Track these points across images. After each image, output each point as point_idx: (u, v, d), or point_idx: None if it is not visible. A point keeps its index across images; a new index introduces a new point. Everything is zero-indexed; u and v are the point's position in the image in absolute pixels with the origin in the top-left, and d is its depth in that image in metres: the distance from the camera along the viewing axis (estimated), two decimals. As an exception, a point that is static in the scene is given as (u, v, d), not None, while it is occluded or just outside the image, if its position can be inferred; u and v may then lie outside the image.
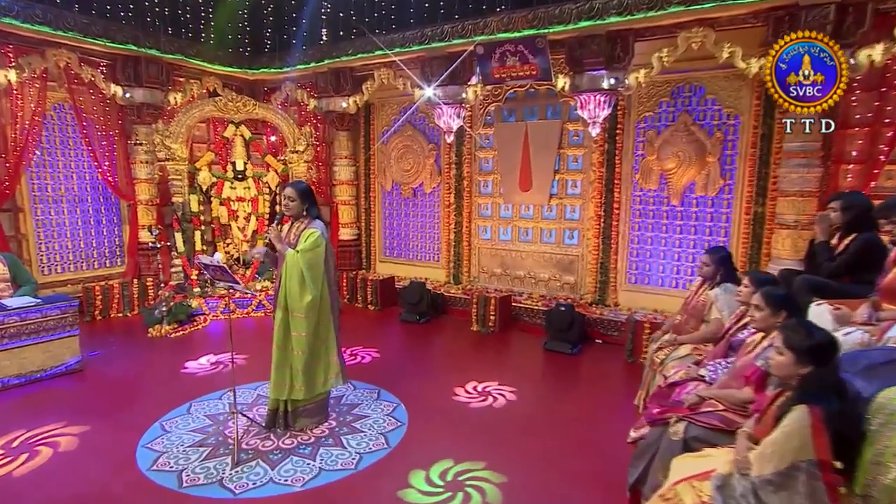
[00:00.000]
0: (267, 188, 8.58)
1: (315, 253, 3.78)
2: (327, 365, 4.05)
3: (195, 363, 5.77)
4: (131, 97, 7.61)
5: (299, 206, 3.91)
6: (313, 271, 3.77)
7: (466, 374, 5.53)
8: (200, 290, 7.76)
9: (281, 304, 3.88)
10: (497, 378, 5.41)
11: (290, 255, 3.78)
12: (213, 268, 3.97)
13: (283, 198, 3.90)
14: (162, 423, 4.50)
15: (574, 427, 4.53)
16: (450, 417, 4.65)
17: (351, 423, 4.45)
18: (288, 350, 3.92)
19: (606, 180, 6.99)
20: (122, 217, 8.26)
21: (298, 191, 3.91)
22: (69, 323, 5.43)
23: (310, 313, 3.80)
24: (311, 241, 3.79)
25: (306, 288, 3.76)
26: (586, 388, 5.45)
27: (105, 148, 7.77)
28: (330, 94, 8.52)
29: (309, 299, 3.76)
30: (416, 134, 8.73)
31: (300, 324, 3.83)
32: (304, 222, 3.93)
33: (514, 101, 7.64)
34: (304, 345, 3.87)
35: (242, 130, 8.41)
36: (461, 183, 8.32)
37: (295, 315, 3.82)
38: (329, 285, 3.94)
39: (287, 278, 3.80)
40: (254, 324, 7.49)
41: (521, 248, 7.88)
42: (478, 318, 7.23)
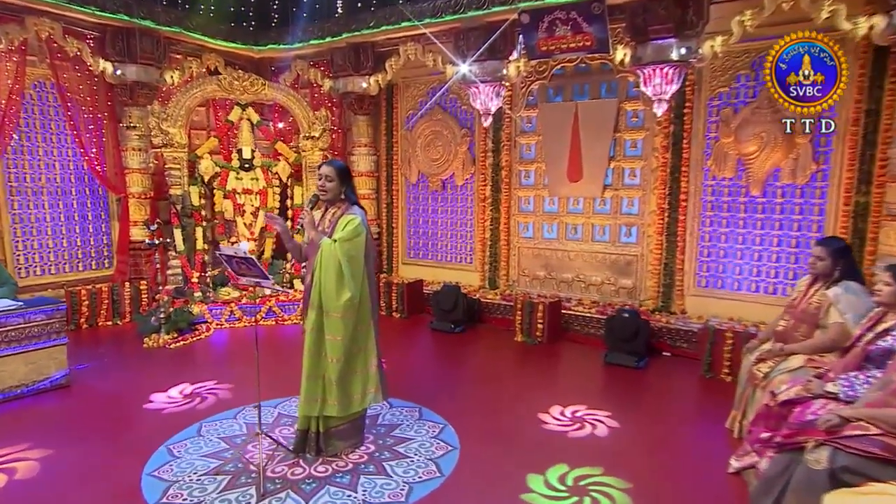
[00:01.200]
0: (277, 179, 8.44)
1: (355, 243, 3.63)
2: (365, 377, 3.86)
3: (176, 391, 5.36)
4: (122, 74, 7.48)
5: (337, 189, 3.77)
6: (353, 264, 3.62)
7: (525, 392, 5.38)
8: (202, 294, 7.63)
9: (314, 304, 3.69)
10: (584, 400, 5.14)
11: (325, 245, 3.62)
12: (238, 260, 3.72)
13: (317, 178, 3.77)
14: (169, 447, 4.27)
15: (659, 455, 4.22)
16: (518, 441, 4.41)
17: (392, 446, 4.23)
18: (321, 357, 3.74)
19: (672, 168, 6.73)
20: (111, 212, 8.14)
21: (337, 169, 3.76)
22: (55, 330, 5.24)
23: (347, 314, 3.64)
24: (350, 228, 3.63)
25: (344, 284, 3.60)
26: (663, 407, 5.16)
27: (92, 133, 7.65)
28: (348, 73, 8.40)
29: (347, 297, 3.60)
30: (447, 118, 8.54)
31: (336, 326, 3.65)
32: (342, 208, 3.78)
33: (561, 77, 7.40)
34: (341, 351, 3.69)
35: (249, 113, 8.29)
36: (499, 173, 8.10)
37: (330, 315, 3.65)
38: (369, 282, 3.79)
39: (322, 272, 3.63)
40: (263, 333, 7.32)
41: (569, 248, 7.68)
42: (522, 328, 7.07)
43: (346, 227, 3.66)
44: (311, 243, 3.77)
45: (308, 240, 3.81)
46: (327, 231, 3.74)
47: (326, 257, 3.62)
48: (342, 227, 3.66)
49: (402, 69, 8.17)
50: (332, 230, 3.72)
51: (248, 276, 3.78)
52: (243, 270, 3.77)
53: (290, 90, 8.43)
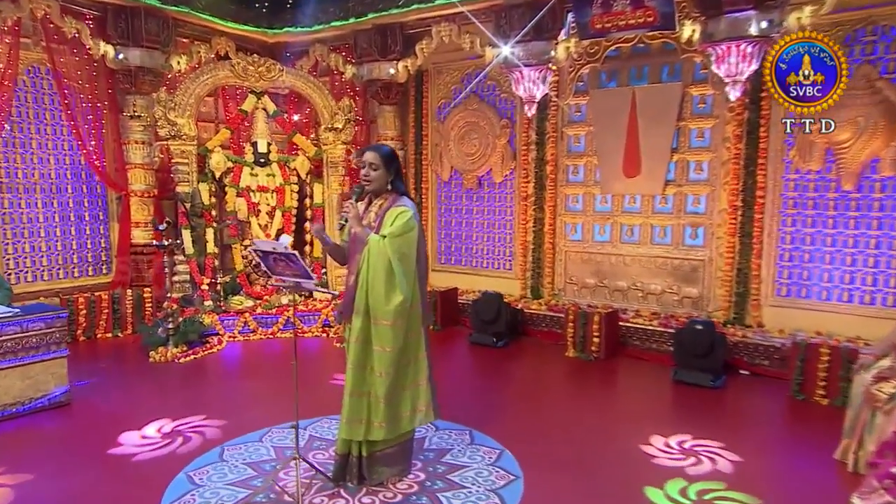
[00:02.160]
0: (295, 176, 8.34)
1: (406, 238, 3.53)
2: (415, 392, 3.73)
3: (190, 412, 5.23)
4: (125, 59, 7.41)
5: (383, 177, 3.64)
6: (405, 263, 3.51)
7: (594, 415, 5.25)
8: (213, 303, 7.50)
9: (359, 309, 3.57)
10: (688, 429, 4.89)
11: (373, 242, 3.50)
12: (277, 257, 3.56)
13: (360, 165, 3.64)
14: (189, 474, 4.08)
15: (767, 491, 3.94)
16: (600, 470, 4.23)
17: (445, 475, 4.04)
18: (367, 371, 3.62)
19: (747, 160, 6.53)
20: (111, 212, 8.07)
21: (383, 156, 3.64)
22: (56, 340, 5.11)
23: (398, 320, 3.53)
24: (400, 222, 3.52)
25: (395, 285, 3.49)
26: (756, 435, 4.90)
27: (91, 124, 7.58)
28: (373, 59, 8.32)
29: (399, 301, 3.49)
30: (484, 107, 8.42)
31: (385, 335, 3.53)
32: (389, 199, 3.67)
33: (615, 60, 7.26)
34: (390, 363, 3.56)
35: (265, 103, 8.15)
36: (543, 169, 7.96)
37: (379, 323, 3.53)
38: (421, 284, 3.70)
39: (369, 273, 3.52)
40: (280, 348, 7.13)
41: (625, 252, 7.52)
42: (575, 341, 6.91)
43: (396, 220, 3.55)
44: (354, 240, 3.65)
45: (351, 236, 3.69)
46: (373, 226, 3.62)
47: (375, 255, 3.51)
48: (391, 221, 3.56)
49: (433, 53, 8.08)
50: (378, 225, 3.61)
51: (287, 275, 3.63)
52: (282, 269, 3.62)
53: (310, 77, 8.37)
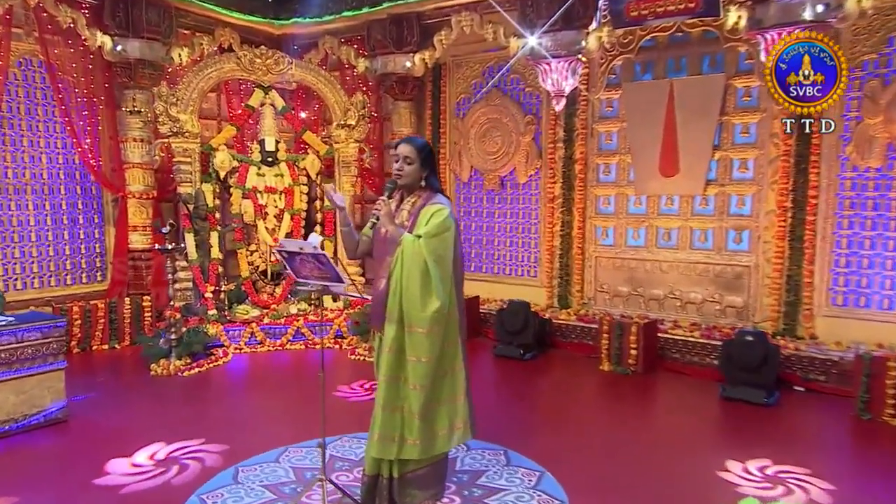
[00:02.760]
0: (304, 176, 8.24)
1: (443, 239, 3.45)
2: (452, 408, 3.62)
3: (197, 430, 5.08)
4: (123, 51, 7.37)
5: (417, 172, 3.57)
6: (441, 266, 3.43)
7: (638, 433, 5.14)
8: (217, 313, 7.40)
9: (392, 316, 3.48)
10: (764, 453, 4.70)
11: (408, 242, 3.42)
12: (304, 258, 3.46)
13: (394, 159, 3.57)
14: (202, 497, 3.93)
15: None
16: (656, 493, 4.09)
17: (482, 499, 3.92)
18: (400, 384, 3.53)
19: (797, 157, 6.41)
20: (106, 215, 8.04)
21: (418, 148, 3.57)
22: (53, 352, 5.00)
23: (434, 328, 3.43)
24: (436, 221, 3.44)
25: (431, 290, 3.39)
26: (835, 459, 4.80)
27: (86, 120, 7.54)
28: (388, 51, 8.30)
29: (436, 307, 3.39)
30: (507, 102, 8.36)
31: (420, 344, 3.44)
32: (422, 196, 3.61)
33: (652, 50, 7.15)
34: (425, 376, 3.47)
35: (273, 98, 8.08)
36: (571, 168, 7.90)
37: (414, 331, 3.44)
38: (458, 289, 3.61)
39: (403, 276, 3.43)
40: (290, 360, 7.08)
41: (661, 258, 7.43)
42: (611, 354, 6.78)
43: (432, 219, 3.47)
44: (385, 240, 3.57)
45: (381, 236, 3.61)
46: (406, 225, 3.55)
47: (409, 257, 3.42)
48: (426, 220, 3.48)
49: (453, 45, 8.07)
50: (412, 224, 3.54)
51: (314, 277, 3.54)
52: (309, 271, 3.53)
53: (321, 70, 8.31)
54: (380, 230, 3.58)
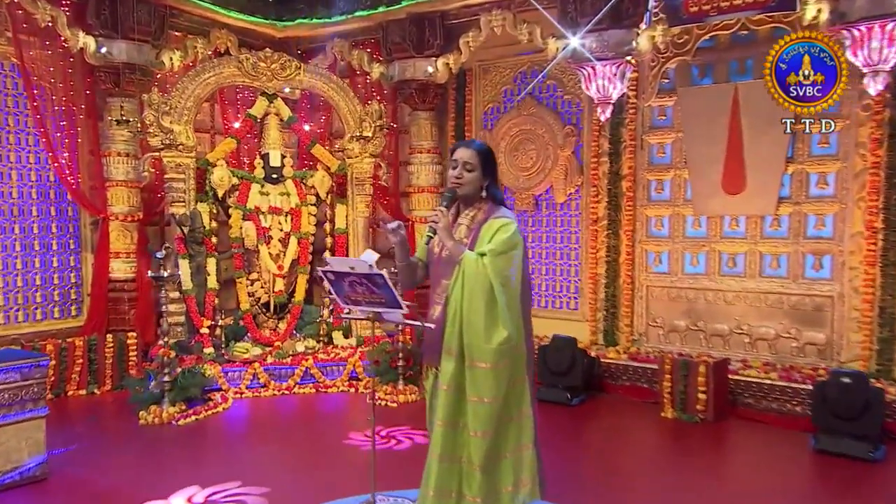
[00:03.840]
0: (313, 195, 8.15)
1: (510, 258, 3.37)
2: (518, 460, 3.49)
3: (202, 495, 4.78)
4: (108, 53, 7.29)
5: (478, 181, 3.50)
6: (509, 289, 3.34)
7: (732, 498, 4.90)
8: (214, 351, 7.22)
9: (450, 348, 3.41)
10: None
11: (469, 262, 3.34)
12: (355, 280, 3.38)
13: (451, 165, 3.51)
14: None
15: None
16: None
17: None
18: (459, 429, 3.44)
19: (889, 170, 6.21)
20: (83, 240, 7.91)
21: (479, 153, 3.51)
22: (33, 396, 4.83)
23: (501, 363, 3.34)
24: (503, 237, 3.37)
25: (497, 317, 3.31)
26: None
27: (65, 131, 7.42)
28: (407, 55, 8.27)
29: (503, 337, 3.30)
30: (543, 112, 8.26)
31: (484, 381, 3.34)
32: (483, 209, 3.54)
33: (711, 51, 6.97)
34: (489, 420, 3.37)
35: (279, 107, 8.00)
36: (618, 185, 7.74)
37: (476, 366, 3.35)
38: (526, 317, 3.53)
39: (464, 301, 3.36)
40: (299, 406, 6.95)
41: (725, 287, 7.25)
42: (674, 399, 6.54)
43: (497, 235, 3.39)
44: (438, 260, 3.52)
45: (435, 256, 3.56)
46: (465, 242, 3.47)
47: (471, 279, 3.33)
48: (489, 236, 3.40)
49: (481, 48, 7.98)
50: (472, 240, 3.46)
51: (366, 303, 3.45)
52: (360, 295, 3.43)
53: (332, 76, 8.21)
54: (434, 248, 3.53)
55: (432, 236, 3.42)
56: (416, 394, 6.77)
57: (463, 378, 3.38)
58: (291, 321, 7.84)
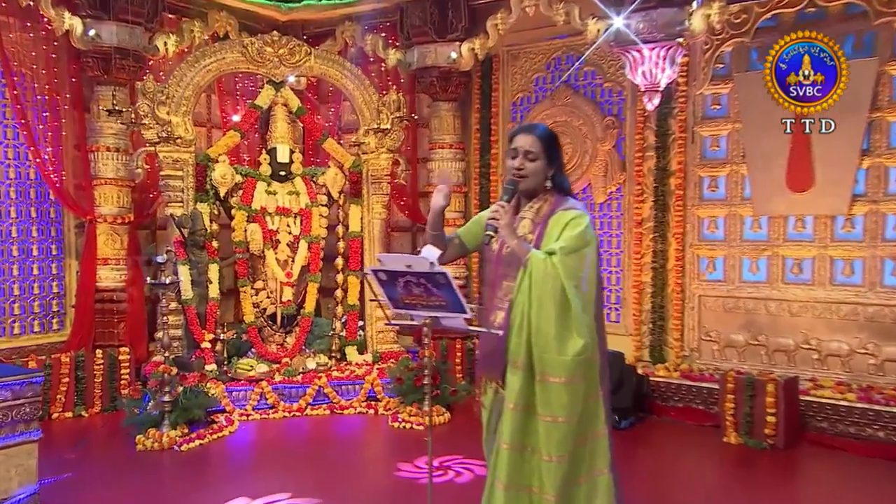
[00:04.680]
0: (325, 194, 8.11)
1: (583, 256, 3.32)
2: (592, 487, 3.40)
3: None
4: (97, 37, 7.17)
5: (542, 171, 3.44)
6: (583, 292, 3.30)
7: None
8: (217, 368, 7.15)
9: (517, 361, 3.32)
10: None
11: (537, 262, 3.27)
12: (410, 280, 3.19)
13: (509, 154, 3.49)
14: None
15: None
16: None
17: None
18: (527, 453, 3.37)
19: None
20: (67, 246, 7.85)
21: (542, 139, 3.45)
22: (25, 417, 4.71)
23: (577, 376, 3.26)
24: (574, 232, 3.31)
25: (571, 324, 3.24)
26: None
27: (48, 123, 7.39)
28: (428, 39, 8.18)
29: (578, 347, 3.23)
30: (580, 101, 8.18)
31: (558, 398, 3.27)
32: (549, 201, 3.49)
33: (771, 32, 6.77)
34: (563, 442, 3.29)
35: (287, 97, 7.95)
36: (666, 183, 7.63)
37: (548, 381, 3.28)
38: (599, 324, 3.46)
39: (532, 307, 3.28)
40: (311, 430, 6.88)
41: (790, 297, 7.10)
42: (738, 422, 6.38)
43: (566, 230, 3.32)
44: (498, 260, 3.48)
45: (494, 254, 3.53)
46: (531, 239, 3.42)
47: (540, 281, 3.26)
48: (558, 232, 3.34)
49: (510, 31, 7.88)
50: (538, 237, 3.40)
51: (423, 307, 3.29)
52: (415, 298, 3.27)
53: (346, 63, 8.18)
54: (491, 247, 3.47)
55: (493, 235, 3.30)
56: (443, 415, 6.72)
57: (533, 394, 3.29)
58: (301, 335, 7.76)
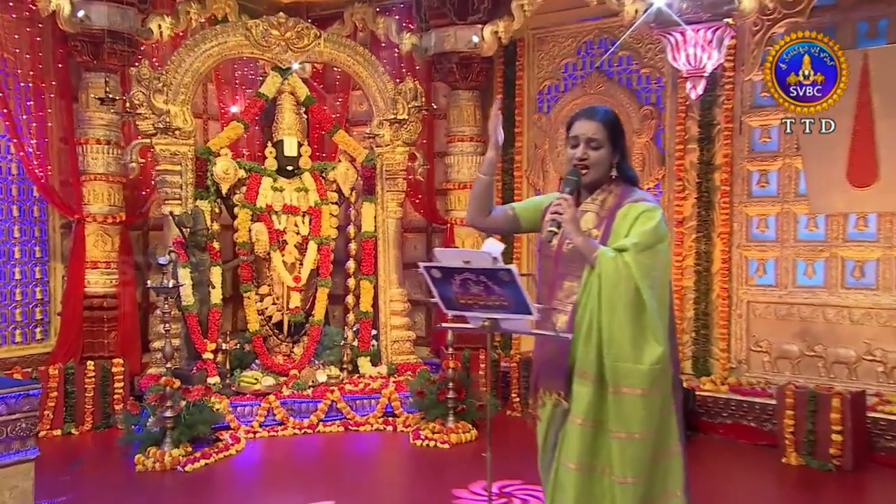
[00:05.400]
0: (335, 192, 8.11)
1: (657, 254, 3.30)
2: None
3: None
4: (86, 18, 7.11)
5: (607, 160, 3.38)
6: (659, 294, 3.27)
7: None
8: (220, 381, 7.09)
9: (587, 371, 3.26)
10: None
11: (607, 260, 3.22)
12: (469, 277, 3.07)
13: (569, 143, 3.39)
14: None
15: None
16: None
17: None
18: (596, 474, 3.30)
19: None
20: (52, 248, 7.81)
21: (605, 124, 3.39)
22: (21, 434, 4.63)
23: (655, 387, 3.22)
24: (647, 227, 3.26)
25: (647, 330, 3.20)
26: None
27: (32, 114, 7.37)
28: (447, 22, 8.12)
29: (657, 355, 3.19)
30: (615, 89, 8.11)
31: (634, 412, 3.21)
32: (615, 193, 3.44)
33: (828, 11, 6.87)
34: (639, 461, 3.23)
35: (294, 84, 7.91)
36: (710, 178, 7.56)
37: (623, 392, 3.22)
38: (672, 329, 3.46)
39: (603, 310, 3.23)
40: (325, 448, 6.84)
41: (851, 303, 6.99)
42: (798, 441, 6.25)
43: (638, 224, 3.26)
44: (557, 257, 3.41)
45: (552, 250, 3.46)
46: (597, 234, 3.37)
47: (611, 282, 3.20)
48: (627, 227, 3.28)
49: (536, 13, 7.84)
50: (605, 233, 3.34)
51: (481, 307, 3.16)
52: (473, 297, 3.15)
53: (359, 47, 8.16)
54: (548, 243, 3.41)
55: (556, 232, 3.22)
56: (469, 432, 6.64)
57: (603, 408, 3.22)
58: (310, 345, 7.68)
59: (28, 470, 4.66)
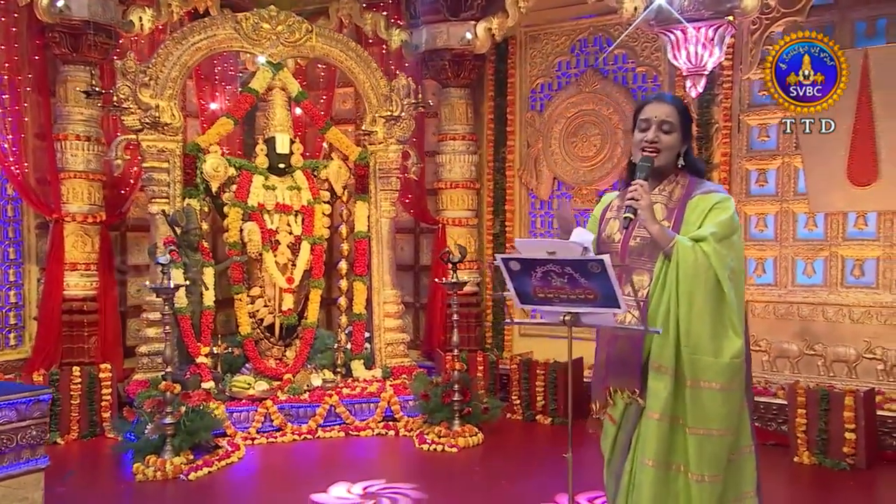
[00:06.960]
0: (327, 190, 8.05)
1: (734, 245, 3.28)
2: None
3: None
4: (66, 8, 6.99)
5: (677, 145, 3.37)
6: (738, 286, 3.25)
7: None
8: (215, 385, 7.00)
9: (663, 365, 3.22)
10: None
11: (685, 251, 3.17)
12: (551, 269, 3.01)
13: (639, 126, 3.35)
14: None
15: None
16: None
17: None
18: (672, 472, 3.25)
19: None
20: (26, 250, 7.71)
21: (679, 109, 3.39)
22: (31, 442, 4.56)
23: (735, 381, 3.19)
24: (722, 217, 3.25)
25: (727, 322, 3.17)
26: None
27: (8, 108, 7.25)
28: (439, 18, 8.12)
29: (737, 348, 3.15)
30: (610, 88, 8.13)
31: (713, 407, 3.17)
32: (681, 183, 3.43)
33: (827, 10, 6.95)
34: (717, 458, 3.20)
35: (286, 79, 7.83)
36: (708, 178, 7.17)
37: (701, 387, 3.18)
38: (745, 324, 3.38)
39: (681, 303, 3.19)
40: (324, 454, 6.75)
41: (851, 301, 7.03)
42: (810, 440, 6.26)
43: (712, 214, 3.25)
44: (624, 249, 3.38)
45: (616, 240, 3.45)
46: (669, 225, 3.31)
47: (690, 272, 3.16)
48: (701, 217, 3.26)
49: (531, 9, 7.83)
50: (675, 225, 3.31)
51: (562, 301, 3.09)
52: (557, 290, 3.07)
53: (351, 42, 8.09)
54: (611, 233, 3.42)
55: (633, 217, 3.15)
56: (476, 435, 6.59)
57: (680, 404, 3.19)
58: (303, 348, 7.60)
59: (38, 480, 4.63)
